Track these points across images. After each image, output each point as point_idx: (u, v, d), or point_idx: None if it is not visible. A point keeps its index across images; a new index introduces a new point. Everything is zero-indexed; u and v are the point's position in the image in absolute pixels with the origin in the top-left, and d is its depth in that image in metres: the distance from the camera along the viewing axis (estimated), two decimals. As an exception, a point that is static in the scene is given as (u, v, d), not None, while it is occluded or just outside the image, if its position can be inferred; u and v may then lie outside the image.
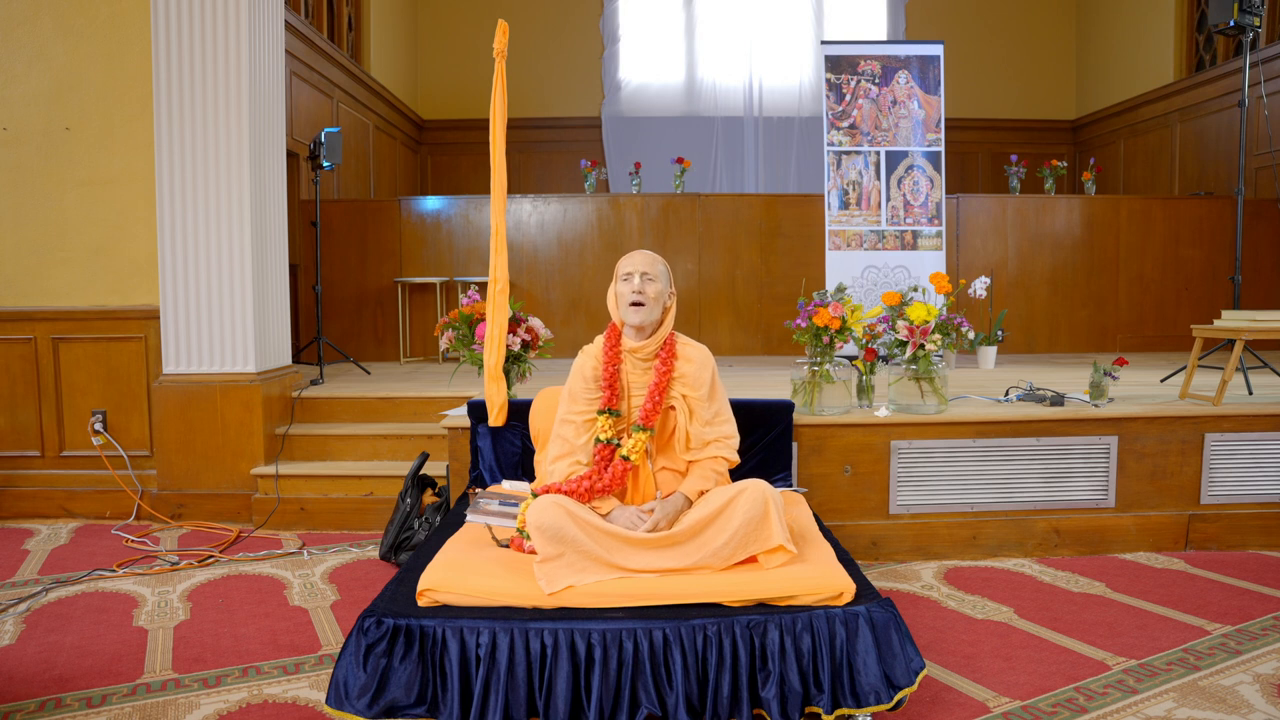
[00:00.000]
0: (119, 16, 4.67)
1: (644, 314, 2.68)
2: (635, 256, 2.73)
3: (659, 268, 2.72)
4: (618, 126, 10.55)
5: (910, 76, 6.57)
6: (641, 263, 2.70)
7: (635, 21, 10.62)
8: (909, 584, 3.52)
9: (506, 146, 3.39)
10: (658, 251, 6.79)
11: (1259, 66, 6.56)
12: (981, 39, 10.69)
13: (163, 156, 4.51)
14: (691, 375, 2.72)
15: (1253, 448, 3.93)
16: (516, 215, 7.24)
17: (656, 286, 2.68)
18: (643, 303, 2.66)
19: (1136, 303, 7.43)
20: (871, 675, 2.27)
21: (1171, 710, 2.47)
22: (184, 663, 2.83)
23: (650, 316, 2.69)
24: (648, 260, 2.71)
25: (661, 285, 2.70)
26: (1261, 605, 3.25)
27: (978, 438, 3.83)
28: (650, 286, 2.67)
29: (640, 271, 2.68)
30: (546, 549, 2.36)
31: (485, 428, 3.55)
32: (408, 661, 2.23)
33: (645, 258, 2.72)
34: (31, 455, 4.79)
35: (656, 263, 2.72)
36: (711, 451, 2.70)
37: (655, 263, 2.72)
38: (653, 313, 2.69)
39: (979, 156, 10.75)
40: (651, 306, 2.68)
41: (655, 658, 2.23)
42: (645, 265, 2.69)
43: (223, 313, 4.58)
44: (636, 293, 2.66)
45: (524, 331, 3.75)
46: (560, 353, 5.06)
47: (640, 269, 2.68)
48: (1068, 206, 7.42)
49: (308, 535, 4.31)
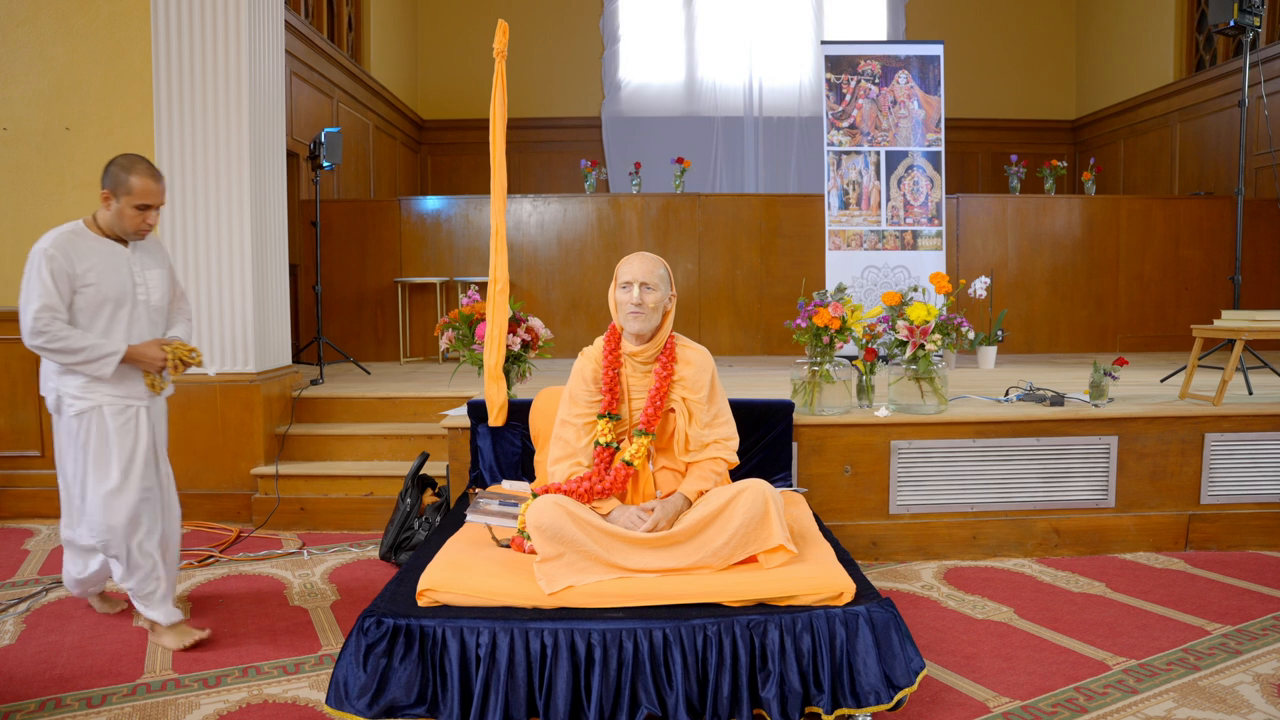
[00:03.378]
0: (119, 16, 4.67)
1: (642, 322, 2.67)
2: (634, 262, 2.70)
3: (659, 273, 2.68)
4: (618, 126, 10.55)
5: (910, 76, 6.57)
6: (640, 271, 2.67)
7: (635, 21, 10.62)
8: (909, 584, 3.52)
9: (506, 146, 3.39)
10: (658, 252, 6.81)
11: (1259, 66, 6.56)
12: (981, 39, 10.69)
13: (163, 157, 4.51)
14: (691, 378, 2.72)
15: (1253, 448, 3.93)
16: (516, 215, 7.24)
17: (655, 295, 2.66)
18: (641, 312, 2.66)
19: (1136, 303, 7.43)
20: (871, 675, 2.27)
21: (1171, 710, 2.47)
22: (184, 663, 2.83)
23: (649, 324, 2.68)
24: (646, 268, 2.67)
25: (661, 293, 2.67)
26: (1261, 605, 3.25)
27: (978, 438, 3.83)
28: (649, 295, 2.65)
29: (639, 281, 2.65)
30: (546, 549, 2.36)
31: (485, 428, 3.55)
32: (408, 661, 2.23)
33: (644, 265, 2.68)
34: (32, 455, 4.78)
35: (656, 268, 2.69)
36: (711, 453, 2.70)
37: (654, 269, 2.68)
38: (651, 320, 2.68)
39: (979, 156, 10.75)
40: (649, 315, 2.66)
41: (655, 658, 2.24)
42: (644, 274, 2.66)
43: (223, 313, 4.58)
44: (635, 303, 2.65)
45: (524, 331, 3.75)
46: (560, 353, 5.06)
47: (639, 278, 2.66)
48: (1068, 206, 7.42)
49: (308, 535, 4.31)
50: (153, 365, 2.91)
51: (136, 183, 2.83)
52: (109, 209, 2.87)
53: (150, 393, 2.96)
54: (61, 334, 2.76)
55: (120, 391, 2.89)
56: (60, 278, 2.77)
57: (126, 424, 2.89)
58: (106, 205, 2.87)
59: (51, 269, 2.76)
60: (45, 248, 2.79)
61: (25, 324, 2.76)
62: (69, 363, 2.80)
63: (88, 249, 2.85)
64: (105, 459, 2.87)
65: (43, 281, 2.75)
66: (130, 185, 2.83)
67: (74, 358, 2.78)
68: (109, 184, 2.85)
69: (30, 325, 2.75)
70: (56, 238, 2.82)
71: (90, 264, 2.83)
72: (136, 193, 2.84)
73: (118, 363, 2.82)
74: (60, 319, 2.77)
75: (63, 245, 2.80)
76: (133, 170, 2.83)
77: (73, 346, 2.77)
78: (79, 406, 2.85)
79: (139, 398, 2.93)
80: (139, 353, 2.88)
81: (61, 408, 2.89)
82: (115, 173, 2.84)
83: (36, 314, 2.74)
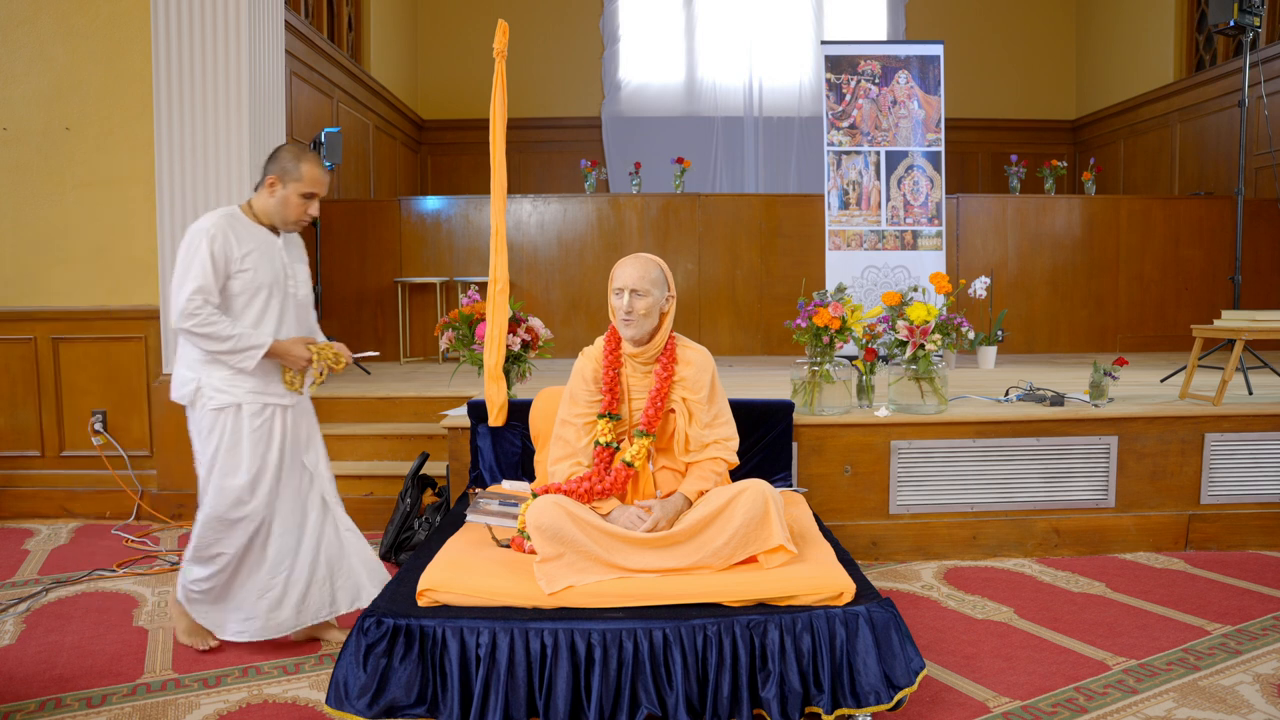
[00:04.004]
0: (119, 16, 4.67)
1: (634, 329, 2.66)
2: (626, 267, 2.66)
3: (651, 276, 2.64)
4: (618, 126, 10.54)
5: (910, 76, 6.56)
6: (631, 277, 2.63)
7: (635, 21, 10.61)
8: (909, 584, 3.52)
9: (506, 146, 3.38)
10: (657, 252, 6.80)
11: (1259, 66, 6.55)
12: (981, 39, 10.68)
13: (163, 156, 4.51)
14: (691, 378, 2.72)
15: (1253, 448, 3.93)
16: (516, 215, 7.24)
17: (647, 301, 2.63)
18: (631, 319, 2.64)
19: (1136, 303, 7.43)
20: (871, 675, 2.27)
21: (1171, 710, 2.47)
22: (184, 663, 2.83)
23: (641, 330, 2.66)
24: (637, 273, 2.64)
25: (654, 297, 2.64)
26: (1261, 605, 3.25)
27: (978, 438, 3.83)
28: (639, 302, 2.62)
29: (629, 287, 2.62)
30: (546, 549, 2.36)
31: (485, 428, 3.55)
32: (408, 661, 2.23)
33: (636, 270, 2.64)
34: (31, 455, 4.79)
35: (649, 272, 2.65)
36: (711, 453, 2.70)
37: (646, 274, 2.64)
38: (644, 326, 2.66)
39: (979, 156, 10.75)
40: (641, 321, 2.64)
41: (655, 658, 2.24)
42: (634, 280, 2.63)
43: (223, 313, 4.57)
44: (625, 310, 2.63)
45: (524, 331, 3.75)
46: (560, 353, 5.06)
47: (629, 284, 2.62)
48: (1068, 206, 7.42)
49: (308, 535, 4.30)
50: (296, 363, 2.79)
51: (306, 170, 2.76)
52: (273, 195, 2.78)
53: (290, 392, 2.83)
54: (212, 319, 2.64)
55: (260, 388, 2.77)
56: (219, 259, 2.67)
57: (263, 425, 2.77)
58: (271, 192, 2.77)
59: (212, 249, 2.65)
60: (207, 227, 2.68)
61: (178, 304, 2.64)
62: (214, 350, 2.68)
63: (246, 234, 2.75)
64: (236, 458, 2.75)
65: (202, 262, 2.64)
66: (300, 173, 2.75)
67: (221, 345, 2.66)
68: (276, 170, 2.76)
69: (183, 306, 2.62)
70: (217, 219, 2.72)
71: (248, 249, 2.73)
72: (306, 180, 2.76)
73: (261, 356, 2.71)
74: (213, 303, 2.66)
75: (223, 227, 2.70)
76: (302, 158, 2.76)
77: (222, 333, 2.65)
78: (219, 401, 2.73)
79: (279, 397, 2.81)
80: (284, 349, 2.77)
81: (199, 400, 2.75)
82: (284, 159, 2.76)
83: (191, 295, 2.62)
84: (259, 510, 2.78)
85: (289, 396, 2.84)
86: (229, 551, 2.80)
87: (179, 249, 2.72)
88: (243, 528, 2.78)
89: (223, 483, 2.75)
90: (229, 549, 2.79)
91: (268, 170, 2.78)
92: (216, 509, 2.76)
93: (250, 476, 2.76)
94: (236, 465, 2.75)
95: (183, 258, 2.68)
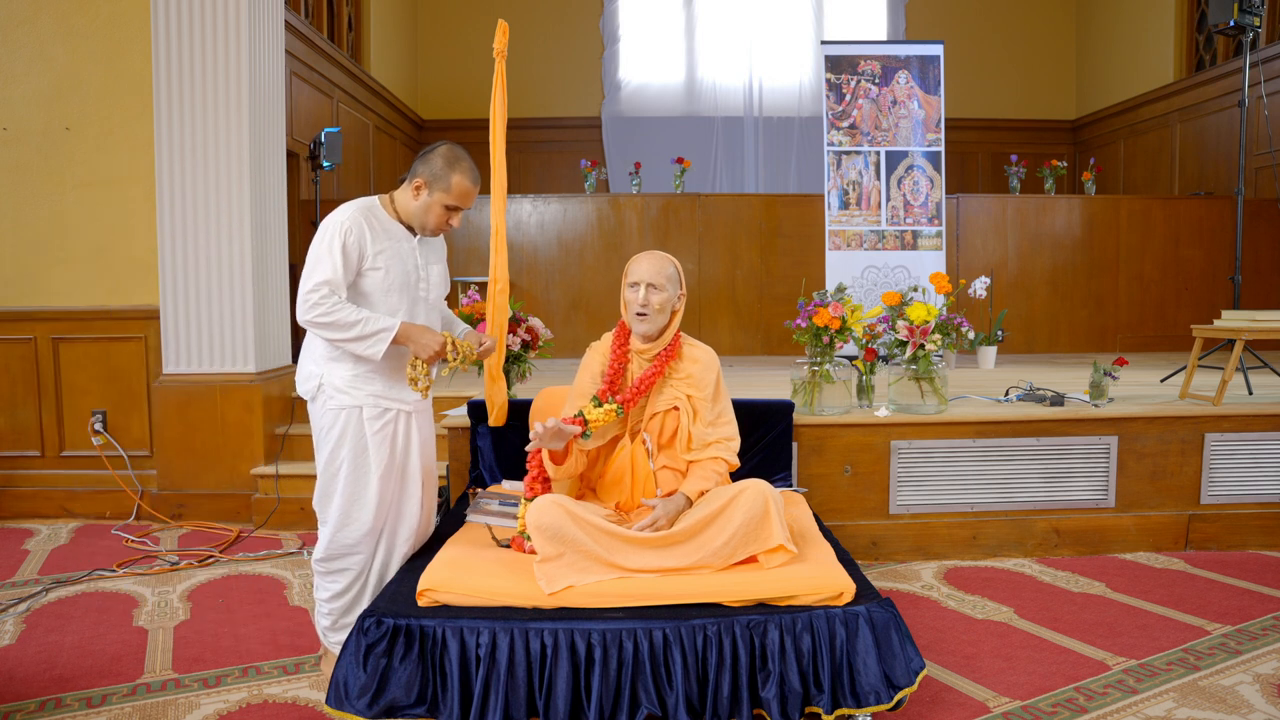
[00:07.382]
0: (119, 16, 4.67)
1: (648, 324, 2.69)
2: (643, 262, 2.71)
3: (667, 272, 2.70)
4: (618, 126, 10.54)
5: (910, 76, 6.56)
6: (647, 272, 2.68)
7: (635, 21, 10.61)
8: (909, 584, 3.52)
9: (506, 146, 3.38)
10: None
11: (1259, 66, 6.55)
12: (981, 39, 10.68)
13: (163, 156, 4.51)
14: (698, 376, 2.73)
15: (1253, 448, 3.93)
16: (516, 215, 7.24)
17: (662, 296, 2.67)
18: (646, 313, 2.67)
19: (1136, 303, 7.43)
20: (871, 675, 2.27)
21: (1171, 710, 2.47)
22: (184, 663, 2.83)
23: (654, 325, 2.70)
24: (654, 268, 2.69)
25: (668, 293, 2.69)
26: (1261, 605, 3.25)
27: (978, 438, 3.83)
28: (655, 296, 2.66)
29: (646, 282, 2.67)
30: (546, 549, 2.36)
31: (485, 428, 3.55)
32: (408, 661, 2.23)
33: (652, 265, 2.69)
34: (31, 455, 4.79)
35: (665, 268, 2.70)
36: (713, 453, 2.70)
37: (663, 269, 2.69)
38: (657, 321, 2.69)
39: (979, 156, 10.74)
40: (655, 316, 2.68)
41: (655, 658, 2.23)
42: (651, 274, 2.67)
43: (223, 313, 4.58)
44: (640, 304, 2.66)
45: (524, 331, 3.75)
46: (560, 353, 5.06)
47: (646, 278, 2.67)
48: (1068, 206, 7.42)
49: (308, 535, 4.31)
50: (426, 350, 2.57)
51: (456, 182, 2.59)
52: (417, 199, 2.62)
53: (414, 395, 2.66)
54: (336, 307, 2.49)
55: (383, 391, 2.63)
56: (352, 254, 2.54)
57: (384, 429, 2.63)
58: (416, 194, 2.62)
59: (345, 243, 2.53)
60: (343, 220, 2.56)
61: (302, 296, 2.52)
62: (339, 339, 2.52)
63: (383, 230, 2.62)
64: (364, 465, 2.62)
65: (333, 255, 2.51)
66: (450, 183, 2.59)
67: (346, 333, 2.50)
68: (425, 173, 2.59)
69: (306, 297, 2.50)
70: (354, 212, 2.59)
71: (382, 247, 2.59)
72: (454, 193, 2.61)
73: (390, 340, 2.52)
74: (338, 294, 2.52)
75: (360, 222, 2.57)
76: (456, 167, 2.59)
77: (346, 320, 2.49)
78: (340, 401, 2.60)
79: (401, 401, 2.66)
80: (415, 333, 2.57)
81: (319, 396, 2.63)
82: (438, 164, 2.59)
83: (315, 286, 2.49)
84: (377, 527, 2.68)
85: (412, 400, 2.69)
86: (354, 568, 2.70)
87: (311, 242, 2.59)
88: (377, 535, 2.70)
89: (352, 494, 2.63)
90: (353, 564, 2.69)
91: (417, 170, 2.62)
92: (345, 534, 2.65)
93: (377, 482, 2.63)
94: (366, 475, 2.63)
95: (314, 250, 2.56)
